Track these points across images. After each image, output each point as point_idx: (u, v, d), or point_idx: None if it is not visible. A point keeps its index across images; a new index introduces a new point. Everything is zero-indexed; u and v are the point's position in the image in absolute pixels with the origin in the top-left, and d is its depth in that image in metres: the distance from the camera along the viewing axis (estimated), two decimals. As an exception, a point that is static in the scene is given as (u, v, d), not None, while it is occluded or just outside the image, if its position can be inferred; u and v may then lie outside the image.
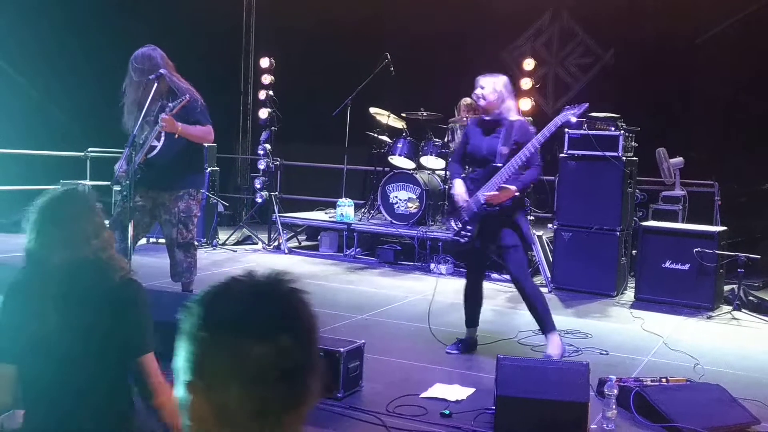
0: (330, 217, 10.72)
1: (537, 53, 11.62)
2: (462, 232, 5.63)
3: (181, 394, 1.43)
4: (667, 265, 7.96)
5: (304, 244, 11.25)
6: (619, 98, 10.57)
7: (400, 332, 6.53)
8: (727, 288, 8.21)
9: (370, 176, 11.05)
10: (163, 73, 5.91)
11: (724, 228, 8.30)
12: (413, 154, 10.16)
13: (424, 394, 4.84)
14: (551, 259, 8.80)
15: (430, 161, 10.16)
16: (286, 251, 10.46)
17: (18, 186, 10.96)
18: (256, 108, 12.29)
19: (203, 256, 9.48)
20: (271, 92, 11.41)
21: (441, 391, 4.90)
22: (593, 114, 8.49)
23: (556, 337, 5.65)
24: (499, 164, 5.48)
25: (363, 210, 10.81)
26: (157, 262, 8.24)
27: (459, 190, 5.70)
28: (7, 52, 10.72)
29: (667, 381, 4.90)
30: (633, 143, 8.58)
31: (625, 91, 10.92)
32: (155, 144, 5.98)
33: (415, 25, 12.10)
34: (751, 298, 7.95)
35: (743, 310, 7.81)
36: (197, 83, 6.35)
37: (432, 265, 9.42)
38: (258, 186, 11.09)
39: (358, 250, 10.35)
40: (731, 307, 7.82)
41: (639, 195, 9.19)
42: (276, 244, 10.74)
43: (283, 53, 12.00)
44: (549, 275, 8.67)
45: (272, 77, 11.53)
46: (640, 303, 8.00)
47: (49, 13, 10.90)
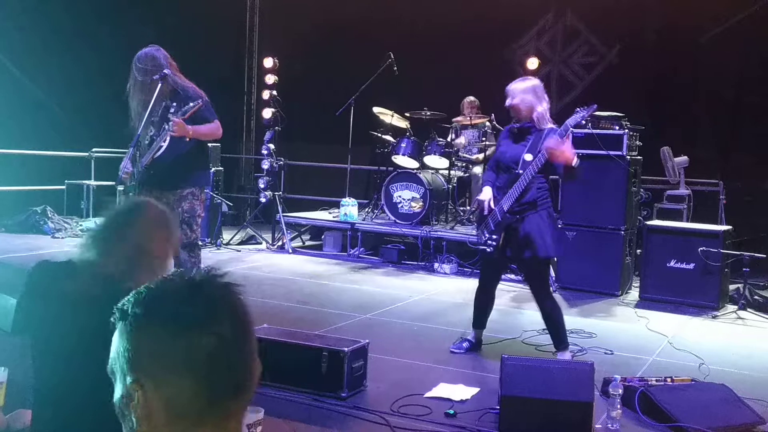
0: (334, 217, 10.71)
1: (541, 52, 11.62)
2: (488, 241, 5.57)
3: (122, 393, 1.45)
4: (672, 264, 7.94)
5: (307, 243, 11.25)
6: (624, 97, 10.55)
7: (404, 332, 6.52)
8: (732, 287, 8.19)
9: (374, 176, 11.05)
10: (167, 73, 5.91)
11: (729, 227, 8.29)
12: (417, 154, 10.15)
13: (428, 394, 4.83)
14: (556, 259, 8.78)
15: (434, 161, 10.14)
16: (290, 251, 10.46)
17: (23, 186, 10.99)
18: (260, 108, 12.30)
19: (207, 255, 9.48)
20: (274, 92, 11.42)
21: (445, 390, 4.89)
22: (597, 113, 8.47)
23: (566, 355, 5.60)
24: (521, 172, 5.41)
25: (367, 209, 10.81)
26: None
27: (484, 196, 5.62)
28: (12, 52, 10.74)
29: (672, 381, 4.89)
30: (637, 142, 8.57)
31: (629, 90, 10.91)
32: (162, 145, 5.97)
33: (418, 25, 12.11)
34: (756, 297, 7.94)
35: (748, 310, 7.79)
36: (201, 83, 6.34)
37: (436, 265, 9.41)
38: (262, 186, 11.09)
39: (361, 249, 10.34)
40: (736, 307, 7.81)
41: (643, 194, 9.16)
42: (280, 243, 10.73)
43: (287, 53, 12.01)
44: (553, 274, 8.65)
45: (276, 77, 11.54)
46: (644, 302, 7.98)
47: (54, 14, 10.92)
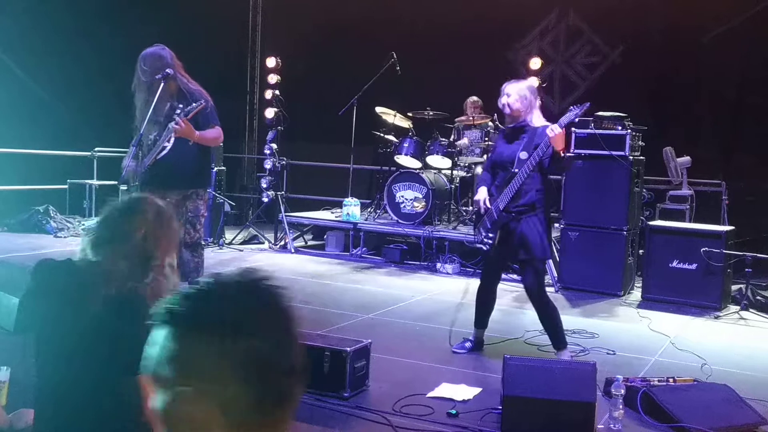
0: (336, 217, 10.71)
1: (544, 52, 11.62)
2: (484, 239, 5.62)
3: (168, 400, 1.41)
4: (675, 264, 7.94)
5: (310, 243, 11.25)
6: (626, 97, 10.55)
7: (406, 332, 6.52)
8: (734, 288, 8.19)
9: (376, 176, 11.05)
10: (170, 72, 5.91)
11: (732, 227, 8.28)
12: (419, 154, 10.15)
13: (430, 394, 4.83)
14: (558, 259, 8.78)
15: (437, 160, 10.14)
16: (293, 250, 10.46)
17: (25, 186, 11.00)
18: (263, 107, 12.30)
19: (210, 255, 9.48)
20: (277, 92, 11.42)
21: (448, 390, 4.89)
22: (600, 113, 8.48)
23: (566, 354, 5.61)
24: (517, 170, 5.46)
25: (369, 209, 10.81)
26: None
27: (480, 196, 5.68)
28: (15, 51, 10.75)
29: (675, 381, 4.89)
30: (640, 142, 8.56)
31: (632, 90, 10.91)
32: (165, 144, 5.97)
33: (421, 24, 12.11)
34: (758, 297, 7.93)
35: (751, 310, 7.78)
36: (203, 83, 6.34)
37: (438, 265, 9.41)
38: (264, 185, 11.09)
39: (364, 249, 10.34)
40: (739, 307, 7.80)
41: (646, 194, 9.17)
42: (282, 243, 10.74)
43: (290, 53, 12.01)
44: (556, 275, 8.66)
45: (278, 77, 11.54)
46: (647, 303, 7.98)
47: (56, 13, 10.92)
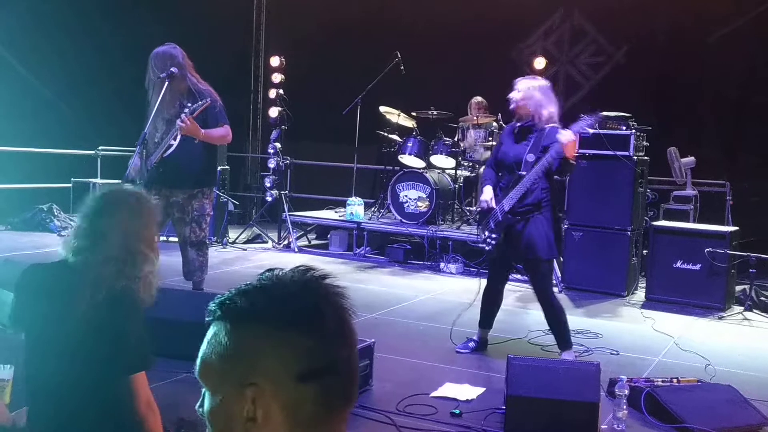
0: (340, 216, 10.71)
1: (548, 52, 11.61)
2: (487, 239, 5.59)
3: (224, 400, 1.33)
4: (679, 265, 7.92)
5: (313, 242, 11.25)
6: (631, 97, 10.54)
7: (409, 331, 6.52)
8: (738, 288, 8.18)
9: (380, 175, 11.05)
10: (175, 72, 5.92)
11: (736, 228, 8.27)
12: (423, 153, 10.15)
13: (434, 394, 4.83)
14: (562, 259, 8.77)
15: (441, 160, 10.14)
16: (296, 250, 10.46)
17: (29, 184, 11.01)
18: (267, 107, 12.30)
19: (213, 254, 9.46)
20: (281, 91, 11.42)
21: (451, 390, 4.89)
22: (604, 113, 8.46)
23: (570, 355, 5.60)
24: (524, 173, 5.41)
25: (373, 209, 10.81)
26: (168, 260, 8.21)
27: (485, 196, 5.63)
28: (19, 50, 10.76)
29: (678, 381, 4.88)
30: (644, 142, 8.55)
31: (636, 90, 10.89)
32: (172, 143, 5.98)
33: (425, 24, 12.09)
34: (762, 298, 7.92)
35: (755, 311, 7.78)
36: (207, 82, 6.35)
37: (442, 265, 9.41)
38: (268, 185, 11.09)
39: (367, 249, 10.34)
40: (743, 308, 7.79)
41: (650, 194, 9.15)
42: (286, 242, 10.74)
43: (294, 52, 12.01)
44: (559, 275, 8.64)
45: (282, 76, 11.54)
46: (650, 303, 7.97)
47: (61, 13, 10.93)
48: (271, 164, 11.12)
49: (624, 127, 8.29)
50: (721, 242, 7.77)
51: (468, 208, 10.30)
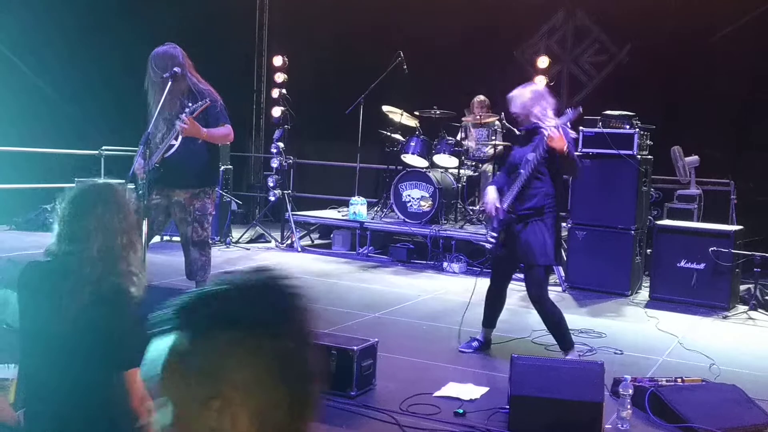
0: (343, 216, 10.70)
1: (551, 51, 11.59)
2: (489, 237, 5.67)
3: (183, 411, 1.26)
4: (682, 264, 7.91)
5: (316, 242, 11.25)
6: (634, 96, 10.52)
7: (413, 331, 6.51)
8: (743, 288, 8.16)
9: (383, 174, 11.04)
10: (178, 71, 5.91)
11: (740, 227, 8.25)
12: (426, 153, 10.14)
13: (437, 393, 4.82)
14: (565, 258, 8.76)
15: (443, 159, 10.13)
16: (299, 249, 10.46)
17: (33, 184, 11.02)
18: (269, 106, 12.31)
19: (217, 254, 9.47)
20: (284, 90, 11.41)
21: (455, 390, 4.89)
22: (608, 112, 8.46)
23: (573, 355, 5.60)
24: (522, 171, 5.49)
25: (376, 208, 10.80)
26: (171, 260, 8.26)
27: (488, 197, 5.68)
28: (23, 51, 10.77)
29: (683, 381, 4.87)
30: (648, 141, 8.54)
31: (640, 89, 10.87)
32: (173, 143, 5.98)
33: (428, 24, 12.08)
34: (767, 297, 7.90)
35: (759, 310, 7.76)
36: (211, 81, 6.35)
37: (445, 264, 9.40)
38: (271, 184, 11.09)
39: (370, 248, 10.33)
40: (747, 307, 7.78)
41: (654, 193, 9.14)
42: (289, 242, 10.73)
43: (297, 52, 12.01)
44: (563, 274, 8.63)
45: (285, 75, 11.54)
46: (654, 302, 7.96)
47: (63, 13, 10.93)
48: (274, 164, 11.12)
49: (627, 126, 8.28)
50: (725, 241, 7.75)
51: (471, 208, 10.29)
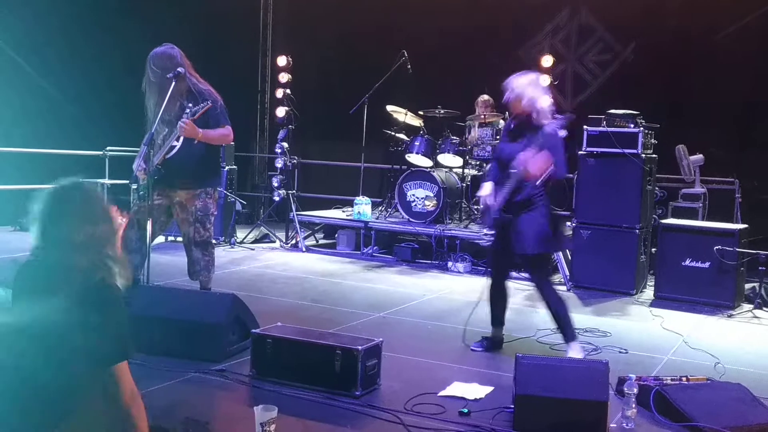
0: (347, 216, 10.71)
1: (555, 50, 11.58)
2: (485, 235, 5.67)
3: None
4: (687, 263, 7.90)
5: (321, 242, 11.26)
6: (639, 95, 10.51)
7: (417, 330, 6.51)
8: (748, 286, 8.14)
9: (388, 174, 11.04)
10: (181, 71, 5.93)
11: (745, 225, 8.23)
12: (430, 152, 10.14)
13: (442, 393, 4.82)
14: (570, 257, 8.76)
15: (448, 159, 10.13)
16: (304, 249, 10.47)
17: (37, 185, 11.03)
18: (274, 106, 12.30)
19: (221, 254, 9.50)
20: (288, 91, 11.42)
21: (459, 389, 4.88)
22: (612, 111, 8.45)
23: (576, 346, 5.60)
24: (514, 170, 5.43)
25: (380, 208, 10.81)
26: (175, 261, 8.26)
27: (483, 192, 5.70)
28: (26, 52, 10.78)
29: (688, 380, 4.86)
30: (652, 140, 8.53)
31: (644, 88, 10.86)
32: (174, 144, 5.99)
33: (432, 23, 12.08)
34: (772, 296, 7.89)
35: (764, 309, 7.75)
36: (215, 82, 6.35)
37: (449, 264, 9.39)
38: (275, 184, 11.10)
39: (375, 248, 10.34)
40: (752, 306, 7.76)
41: (658, 192, 9.13)
42: (293, 242, 10.74)
43: (300, 52, 12.01)
44: (568, 273, 8.63)
45: (289, 76, 11.54)
46: (659, 301, 7.95)
47: (66, 13, 10.95)
48: (279, 164, 11.13)
49: (632, 125, 8.27)
50: (730, 240, 7.74)
51: (476, 207, 10.28)
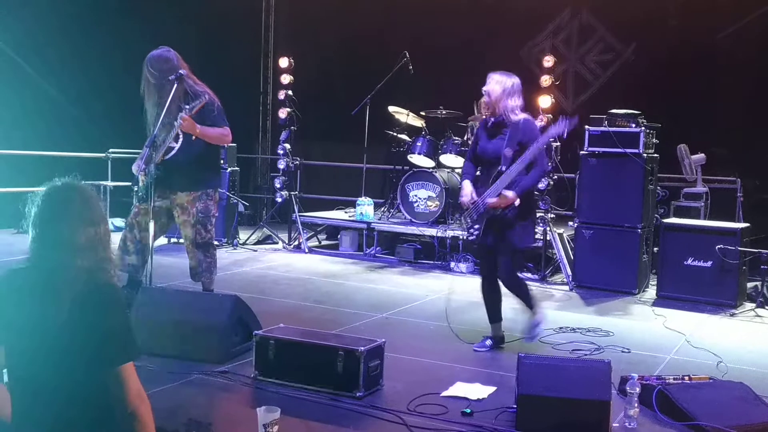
0: (350, 216, 10.72)
1: (556, 50, 11.56)
2: (470, 230, 5.78)
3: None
4: (689, 262, 7.90)
5: (324, 243, 11.26)
6: (640, 94, 10.50)
7: (420, 331, 6.52)
8: (750, 285, 8.14)
9: (390, 175, 11.04)
10: (183, 73, 5.95)
11: (747, 224, 8.23)
12: (432, 153, 10.15)
13: (444, 393, 4.83)
14: (572, 257, 8.76)
15: (450, 159, 10.13)
16: (306, 250, 10.48)
17: (39, 187, 11.05)
18: (276, 108, 12.30)
19: (224, 255, 9.51)
20: (290, 92, 11.42)
21: (462, 389, 4.89)
22: (614, 110, 8.45)
23: (540, 312, 5.96)
24: (503, 168, 5.57)
25: (383, 209, 10.81)
26: (177, 262, 8.28)
27: (465, 191, 5.81)
28: (29, 53, 10.79)
29: (690, 379, 4.87)
30: (654, 140, 8.52)
31: (645, 87, 10.85)
32: (173, 145, 6.00)
33: (433, 23, 12.08)
34: (774, 295, 7.88)
35: (766, 307, 7.74)
36: (217, 83, 6.36)
37: (452, 264, 9.40)
38: (278, 185, 11.11)
39: (377, 248, 10.34)
40: (754, 305, 7.76)
41: (660, 192, 9.12)
42: (296, 243, 10.75)
43: (302, 53, 12.01)
44: (570, 273, 8.63)
45: (291, 77, 11.55)
46: (662, 300, 7.95)
47: (69, 15, 10.96)
48: (281, 165, 11.13)
49: (633, 125, 8.28)
50: (732, 239, 7.75)
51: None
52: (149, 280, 5.92)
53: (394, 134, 10.46)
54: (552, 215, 9.17)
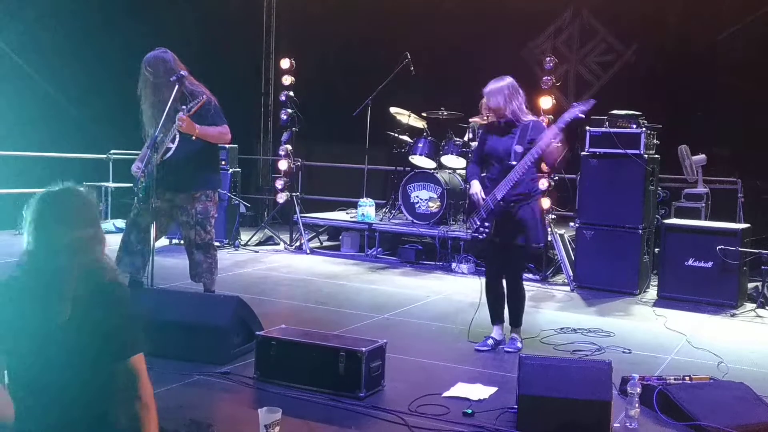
0: (351, 217, 10.73)
1: (557, 51, 11.58)
2: (480, 228, 5.77)
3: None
4: (690, 262, 7.91)
5: (325, 244, 11.27)
6: (641, 95, 10.50)
7: (421, 332, 6.52)
8: (750, 285, 8.15)
9: (391, 176, 11.05)
10: (184, 75, 5.96)
11: (748, 225, 8.23)
12: (434, 154, 10.15)
13: (446, 394, 4.83)
14: (573, 258, 8.76)
15: (451, 160, 10.14)
16: (308, 251, 10.49)
17: (41, 189, 11.07)
18: (277, 109, 12.32)
19: (226, 256, 9.52)
20: (291, 93, 11.42)
21: (463, 390, 4.90)
22: (615, 111, 8.46)
23: (519, 334, 6.01)
24: (514, 162, 5.65)
25: (384, 210, 10.82)
26: (179, 263, 8.28)
27: (475, 189, 5.88)
28: (30, 55, 10.81)
29: (691, 379, 4.88)
30: (655, 140, 8.53)
31: (646, 88, 10.85)
32: (170, 146, 6.01)
33: (434, 25, 12.09)
34: (775, 295, 7.89)
35: (767, 308, 7.74)
36: (218, 85, 6.37)
37: (453, 265, 9.41)
38: (279, 187, 11.11)
39: (379, 249, 10.35)
40: (755, 305, 7.76)
41: (661, 192, 9.13)
42: (298, 244, 10.76)
43: (304, 54, 12.02)
44: (571, 274, 8.64)
45: (293, 78, 11.55)
46: (662, 301, 7.95)
47: (71, 16, 10.98)
48: (283, 166, 11.14)
49: (634, 126, 8.28)
50: (732, 239, 7.75)
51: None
52: (150, 281, 5.92)
53: (396, 135, 10.47)
54: (553, 216, 9.17)
